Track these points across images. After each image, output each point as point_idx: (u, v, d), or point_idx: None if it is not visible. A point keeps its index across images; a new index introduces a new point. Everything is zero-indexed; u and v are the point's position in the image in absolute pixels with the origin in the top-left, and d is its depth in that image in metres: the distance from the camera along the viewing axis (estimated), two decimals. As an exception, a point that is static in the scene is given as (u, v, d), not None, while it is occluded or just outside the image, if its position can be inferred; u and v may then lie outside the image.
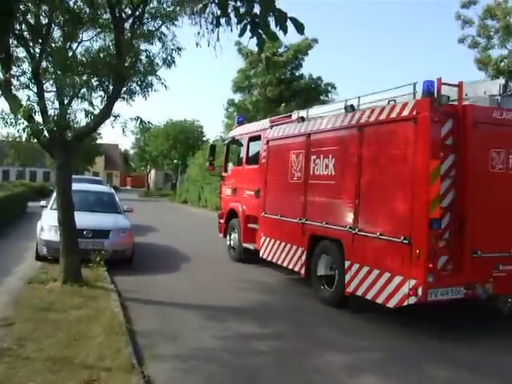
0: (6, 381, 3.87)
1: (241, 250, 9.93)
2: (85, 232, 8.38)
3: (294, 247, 7.72)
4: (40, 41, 6.60)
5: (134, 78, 6.73)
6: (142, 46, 6.95)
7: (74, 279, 6.91)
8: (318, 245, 7.18)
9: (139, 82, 6.76)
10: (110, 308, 5.95)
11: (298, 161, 7.74)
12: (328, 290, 6.95)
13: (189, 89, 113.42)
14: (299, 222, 7.51)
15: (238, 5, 3.29)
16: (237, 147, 10.73)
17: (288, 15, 3.08)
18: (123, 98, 7.01)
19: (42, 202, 10.43)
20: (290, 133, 8.11)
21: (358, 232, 6.22)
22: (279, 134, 8.51)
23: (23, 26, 6.63)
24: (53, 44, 6.80)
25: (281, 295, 7.55)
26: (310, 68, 49.38)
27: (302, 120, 7.89)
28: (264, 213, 8.71)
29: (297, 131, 7.90)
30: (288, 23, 3.09)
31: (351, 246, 6.36)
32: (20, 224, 15.05)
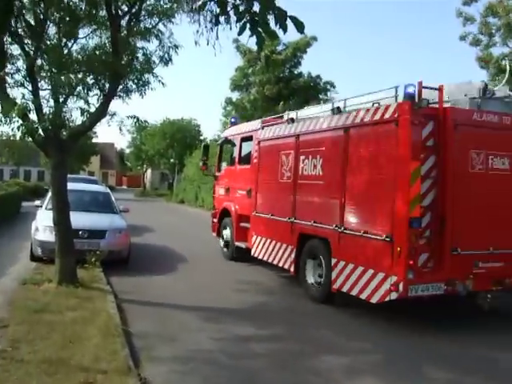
0: (-1, 384, 3.81)
1: (233, 248, 10.05)
2: (80, 232, 8.32)
3: (283, 246, 7.87)
4: (35, 38, 6.53)
5: (131, 76, 6.69)
6: (139, 43, 6.90)
7: (70, 280, 6.85)
8: (306, 243, 7.34)
9: (136, 80, 6.72)
10: (105, 309, 5.91)
11: (287, 161, 7.90)
12: (316, 287, 7.14)
13: (186, 87, 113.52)
14: (289, 221, 7.67)
15: (237, 3, 3.24)
16: (230, 147, 10.86)
17: (288, 13, 3.02)
18: (119, 97, 6.96)
19: (37, 202, 10.37)
20: (281, 134, 8.27)
21: (344, 230, 6.39)
22: (270, 135, 8.66)
23: (18, 23, 6.55)
24: (48, 41, 6.75)
25: (277, 296, 7.54)
26: (308, 66, 49.46)
27: (291, 121, 8.05)
28: (255, 212, 8.85)
29: (287, 132, 8.06)
30: (288, 22, 3.04)
31: (337, 244, 6.53)
32: (14, 224, 14.92)
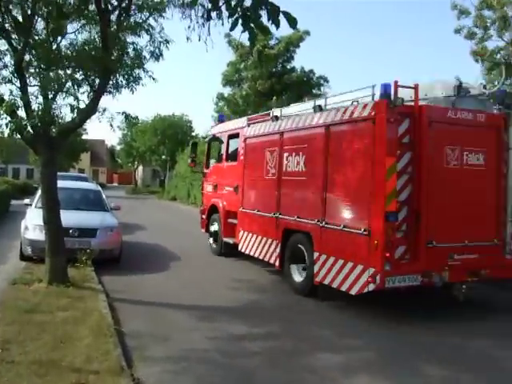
0: (-11, 387, 3.74)
1: (221, 244, 10.23)
2: (71, 231, 8.23)
3: (269, 240, 8.09)
4: (23, 33, 6.40)
5: (121, 72, 6.59)
6: (129, 38, 6.84)
7: (60, 280, 6.76)
8: (290, 238, 7.56)
9: (126, 76, 6.62)
10: (97, 309, 5.84)
11: (272, 158, 8.11)
12: (300, 281, 7.35)
13: (177, 83, 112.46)
14: (274, 216, 7.89)
15: (229, -2, 3.18)
16: (218, 144, 11.01)
17: (280, 9, 2.99)
18: (109, 93, 6.86)
19: (26, 200, 10.21)
20: (265, 131, 8.46)
21: (325, 225, 6.63)
22: (255, 132, 8.82)
23: (5, 18, 6.41)
24: (36, 36, 6.63)
25: (270, 293, 7.52)
26: (302, 61, 49.20)
27: (275, 119, 8.24)
28: (242, 208, 9.04)
29: (271, 129, 8.25)
30: (280, 17, 3.01)
31: (319, 238, 6.77)
32: (3, 223, 14.71)
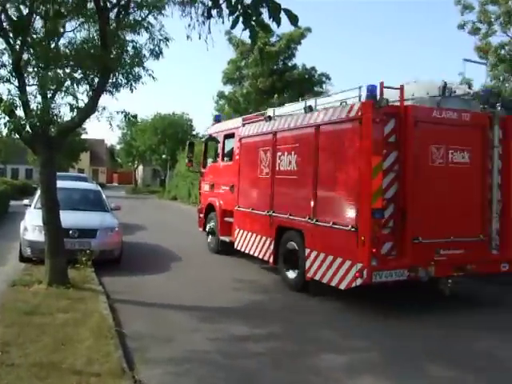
0: (-12, 390, 3.70)
1: (218, 242, 10.44)
2: (71, 232, 8.18)
3: (263, 238, 8.32)
4: (21, 32, 6.34)
5: (121, 70, 6.53)
6: (128, 36, 6.77)
7: (60, 281, 6.71)
8: (284, 235, 7.79)
9: (126, 74, 6.56)
10: (98, 310, 5.79)
11: (266, 157, 8.35)
12: (292, 276, 7.57)
13: (177, 81, 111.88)
14: (267, 214, 8.14)
15: (229, -5, 3.13)
16: (214, 144, 11.21)
17: (282, 6, 2.94)
18: (109, 92, 6.80)
19: (25, 201, 10.16)
20: (259, 131, 8.69)
21: (316, 222, 6.86)
22: (250, 132, 9.05)
23: (2, 16, 6.34)
24: (34, 35, 6.56)
25: (271, 294, 7.47)
26: (303, 58, 48.84)
27: (269, 119, 8.48)
28: (238, 206, 9.28)
29: (265, 129, 8.49)
30: (281, 15, 2.96)
31: (310, 235, 7.00)
32: (2, 224, 14.64)
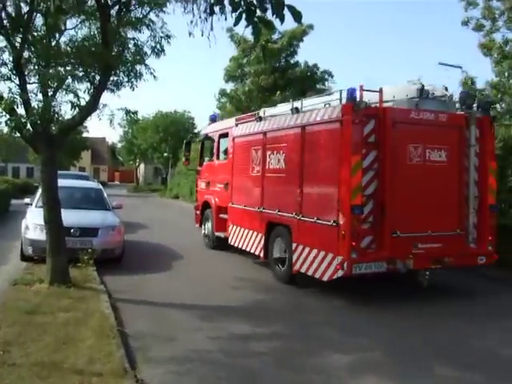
0: (-10, 390, 3.68)
1: (213, 238, 10.81)
2: (72, 230, 8.15)
3: (254, 233, 8.69)
4: (21, 29, 6.30)
5: (122, 68, 6.49)
6: (130, 33, 6.72)
7: (62, 280, 6.69)
8: (273, 230, 8.18)
9: (127, 72, 6.52)
10: (99, 309, 5.77)
11: (257, 156, 8.71)
12: (281, 270, 7.95)
13: (179, 79, 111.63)
14: (258, 210, 8.52)
15: (232, -9, 3.09)
16: (210, 143, 11.54)
17: (285, 3, 2.94)
18: (110, 90, 6.76)
19: (27, 200, 10.15)
20: (251, 131, 9.05)
21: (302, 218, 7.23)
22: (242, 132, 9.41)
23: (2, 14, 6.30)
24: (35, 33, 6.53)
25: (273, 292, 7.44)
26: (305, 55, 48.54)
27: (259, 119, 8.84)
28: (231, 203, 9.65)
29: (256, 129, 8.85)
30: (285, 11, 2.96)
31: (297, 230, 7.38)
32: (3, 223, 14.60)
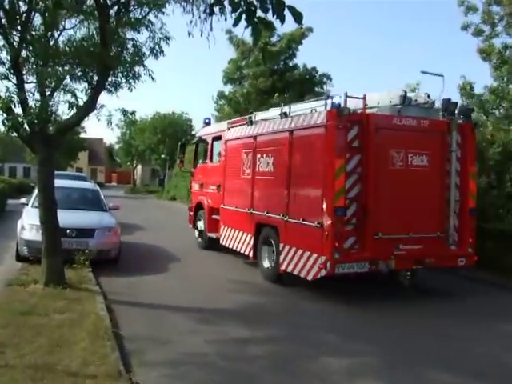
0: (-18, 392, 3.63)
1: (206, 238, 11.04)
2: (68, 231, 8.10)
3: (244, 234, 8.92)
4: (19, 28, 6.27)
5: (120, 69, 6.46)
6: (129, 34, 6.70)
7: (57, 281, 6.64)
8: (262, 231, 8.40)
9: (125, 73, 6.49)
10: (95, 311, 5.73)
11: (247, 159, 8.96)
12: (269, 269, 8.19)
13: (177, 81, 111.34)
14: (248, 212, 8.74)
15: (232, -9, 3.06)
16: (204, 146, 11.82)
17: (285, 3, 2.90)
18: (108, 90, 6.73)
19: (23, 200, 10.10)
20: (242, 134, 9.32)
21: (289, 219, 7.46)
22: (234, 135, 9.70)
23: (0, 13, 6.27)
24: (33, 32, 6.49)
25: (270, 296, 7.41)
26: (304, 58, 48.49)
27: (250, 123, 9.06)
28: (223, 205, 9.91)
29: (247, 133, 9.10)
30: (285, 12, 2.92)
31: (284, 231, 7.62)
32: (-1, 222, 14.57)
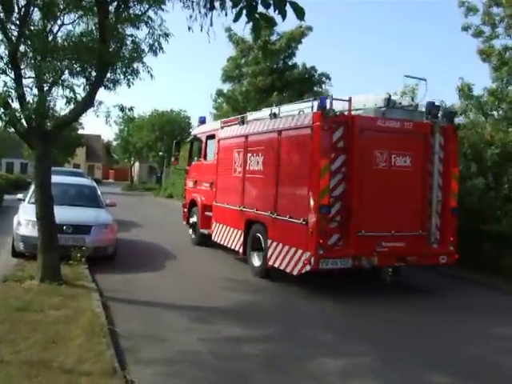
0: (-23, 388, 3.62)
1: (199, 234, 11.23)
2: (64, 227, 8.08)
3: (235, 230, 9.14)
4: (17, 23, 6.24)
5: (119, 65, 6.42)
6: (128, 30, 6.66)
7: (53, 277, 6.62)
8: (251, 228, 8.59)
9: (124, 69, 6.46)
10: (90, 308, 5.72)
11: (239, 158, 9.17)
12: (258, 265, 8.39)
13: (176, 78, 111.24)
14: (239, 209, 8.95)
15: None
16: (199, 144, 11.99)
17: None
18: (106, 87, 6.70)
19: (19, 195, 10.09)
20: (234, 133, 9.54)
21: (276, 216, 7.69)
22: (227, 134, 9.90)
23: (-1, 7, 6.24)
24: (32, 27, 6.45)
25: (266, 294, 7.42)
26: (304, 57, 48.21)
27: (242, 123, 9.29)
28: (215, 202, 10.14)
29: (238, 132, 9.33)
30: (287, 8, 2.87)
31: (272, 228, 7.85)
32: (-4, 218, 14.50)
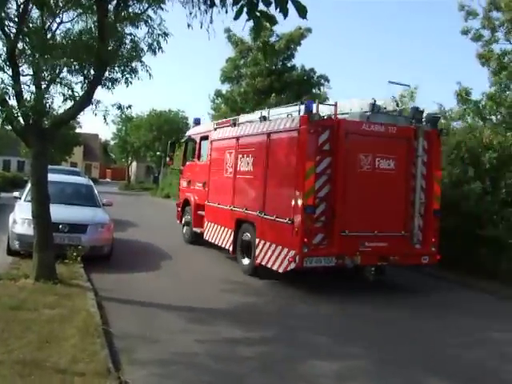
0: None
1: (192, 233, 11.44)
2: (60, 226, 8.04)
3: (225, 229, 9.41)
4: (16, 20, 6.21)
5: (118, 63, 6.40)
6: (127, 29, 6.66)
7: (48, 276, 6.58)
8: (241, 227, 8.85)
9: (122, 68, 6.44)
10: (85, 307, 5.68)
11: (230, 159, 9.45)
12: (246, 263, 8.64)
13: (174, 78, 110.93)
14: (229, 208, 9.23)
15: (234, -17, 3.01)
16: (193, 145, 12.25)
17: None
18: (104, 85, 6.66)
19: (15, 193, 10.04)
20: (226, 135, 9.85)
21: (264, 216, 7.96)
22: (219, 136, 10.20)
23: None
24: (30, 24, 6.43)
25: (264, 296, 7.39)
26: (302, 59, 47.98)
27: (234, 125, 9.60)
28: (207, 201, 10.43)
29: (230, 134, 9.63)
30: (289, 6, 2.86)
31: (260, 227, 8.10)
32: (-8, 215, 14.43)
